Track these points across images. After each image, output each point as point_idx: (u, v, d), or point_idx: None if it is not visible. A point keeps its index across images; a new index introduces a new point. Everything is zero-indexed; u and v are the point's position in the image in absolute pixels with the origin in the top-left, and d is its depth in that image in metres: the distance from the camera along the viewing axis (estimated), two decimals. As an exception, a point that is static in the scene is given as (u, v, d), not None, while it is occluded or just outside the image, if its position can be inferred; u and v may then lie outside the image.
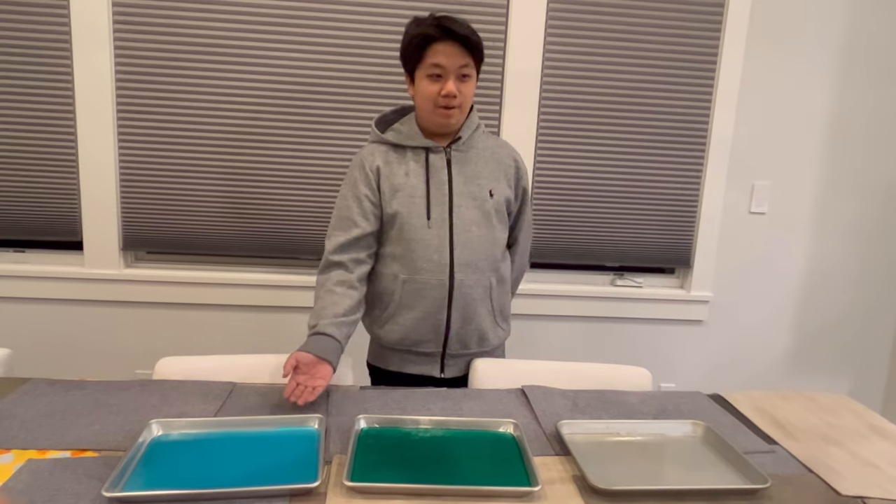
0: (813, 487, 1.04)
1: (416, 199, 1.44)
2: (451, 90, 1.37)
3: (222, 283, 2.32)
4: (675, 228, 2.46)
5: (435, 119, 1.43)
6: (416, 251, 1.43)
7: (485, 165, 1.50)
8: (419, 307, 1.46)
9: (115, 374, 2.37)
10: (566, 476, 1.04)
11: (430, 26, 1.36)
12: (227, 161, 2.25)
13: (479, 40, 1.39)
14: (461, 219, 1.45)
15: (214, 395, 1.27)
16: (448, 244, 1.44)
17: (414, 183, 1.44)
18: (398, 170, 1.46)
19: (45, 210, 2.24)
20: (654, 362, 2.56)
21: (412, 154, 1.47)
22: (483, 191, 1.48)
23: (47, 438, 1.07)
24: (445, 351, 1.51)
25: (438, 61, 1.36)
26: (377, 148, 1.49)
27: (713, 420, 1.28)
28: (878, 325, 2.64)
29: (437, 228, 1.44)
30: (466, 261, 1.45)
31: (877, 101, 2.45)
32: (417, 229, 1.43)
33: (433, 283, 1.44)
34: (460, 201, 1.46)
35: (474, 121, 1.51)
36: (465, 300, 1.46)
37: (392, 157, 1.47)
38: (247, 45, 2.18)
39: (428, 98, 1.40)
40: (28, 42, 2.12)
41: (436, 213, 1.44)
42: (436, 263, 1.43)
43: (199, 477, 0.97)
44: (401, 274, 1.45)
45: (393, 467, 1.02)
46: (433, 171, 1.46)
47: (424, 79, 1.39)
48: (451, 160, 1.47)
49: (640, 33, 2.29)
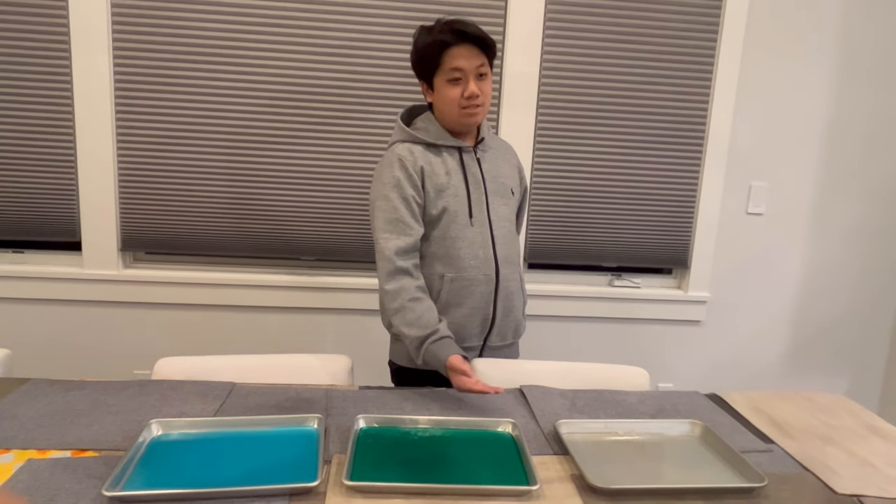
0: (809, 486, 1.05)
1: (458, 198, 1.48)
2: (473, 91, 1.41)
3: (221, 284, 2.32)
4: (673, 229, 2.47)
5: (461, 121, 1.46)
6: (461, 249, 1.47)
7: (503, 164, 1.58)
8: (467, 304, 1.49)
9: (113, 374, 2.37)
10: (564, 475, 1.04)
11: (443, 32, 1.39)
12: (226, 162, 2.25)
13: (492, 39, 1.43)
14: (497, 215, 1.52)
15: (214, 395, 1.27)
16: (490, 241, 1.50)
17: (455, 182, 1.48)
18: (439, 169, 1.48)
19: (44, 211, 2.24)
20: (652, 362, 2.57)
21: (447, 153, 1.50)
22: (507, 189, 1.56)
23: (47, 438, 1.07)
24: (486, 344, 1.56)
25: (458, 65, 1.40)
26: (414, 147, 1.48)
27: (711, 419, 1.29)
28: (876, 325, 2.65)
29: (480, 226, 1.49)
30: (505, 255, 1.53)
31: (874, 103, 2.46)
32: (462, 227, 1.47)
33: (481, 279, 1.49)
34: (493, 199, 1.53)
35: (486, 122, 1.57)
36: (507, 293, 1.53)
37: (431, 156, 1.49)
38: (246, 46, 2.18)
39: (452, 102, 1.44)
40: (27, 43, 2.12)
41: (476, 211, 1.49)
42: (482, 260, 1.49)
43: (199, 476, 0.97)
44: (447, 273, 1.48)
45: (392, 467, 1.02)
46: (469, 171, 1.50)
47: (445, 84, 1.43)
48: (480, 159, 1.53)
49: (637, 35, 2.30)
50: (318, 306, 2.36)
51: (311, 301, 2.36)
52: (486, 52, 1.43)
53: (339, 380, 1.48)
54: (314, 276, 2.36)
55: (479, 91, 1.42)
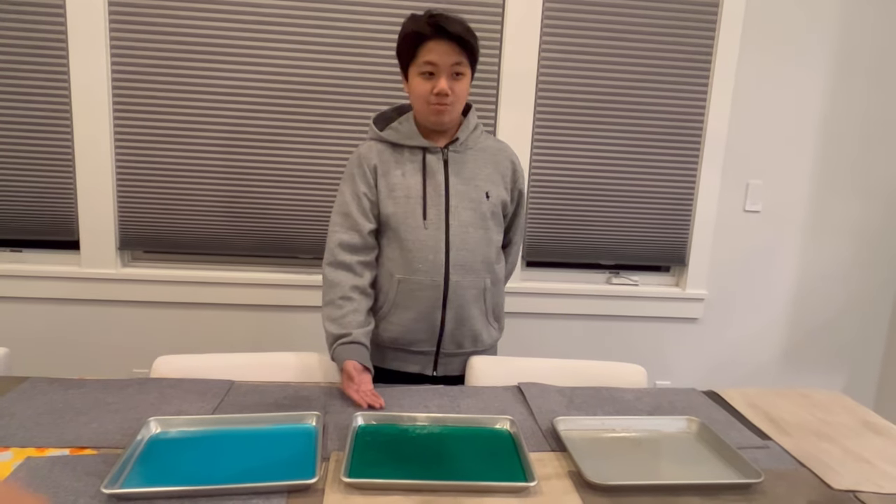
0: (806, 482, 1.05)
1: (411, 199, 1.44)
2: (442, 88, 1.37)
3: (220, 283, 2.32)
4: (671, 226, 2.47)
5: (428, 117, 1.43)
6: (411, 252, 1.43)
7: (482, 167, 1.50)
8: (414, 307, 1.46)
9: (112, 372, 2.37)
10: (562, 472, 1.05)
11: (423, 24, 1.35)
12: (224, 160, 2.26)
13: (473, 39, 1.38)
14: (457, 220, 1.45)
15: (212, 393, 1.28)
16: (444, 245, 1.44)
17: (410, 183, 1.45)
18: (395, 170, 1.46)
19: (42, 209, 2.24)
20: (650, 360, 2.58)
21: (409, 154, 1.47)
22: (480, 192, 1.48)
23: (46, 436, 1.07)
24: (440, 350, 1.51)
25: (431, 59, 1.36)
26: (375, 145, 1.49)
27: (707, 416, 1.29)
28: (872, 322, 2.66)
29: (434, 229, 1.44)
30: (462, 262, 1.45)
31: (870, 100, 2.47)
32: (413, 230, 1.43)
33: (427, 284, 1.44)
34: (456, 202, 1.46)
35: (472, 121, 1.52)
36: (460, 301, 1.46)
37: (389, 156, 1.47)
38: (244, 45, 2.18)
39: (420, 96, 1.40)
40: (24, 42, 2.12)
41: (432, 214, 1.44)
42: (431, 264, 1.43)
43: (197, 474, 0.97)
44: (396, 273, 1.45)
45: (390, 464, 1.03)
46: (430, 172, 1.46)
47: (417, 76, 1.40)
48: (449, 161, 1.47)
49: (635, 32, 2.30)
50: (317, 304, 2.36)
51: (309, 299, 2.36)
52: (466, 52, 1.37)
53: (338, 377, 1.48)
54: (312, 275, 2.37)
55: (448, 90, 1.37)
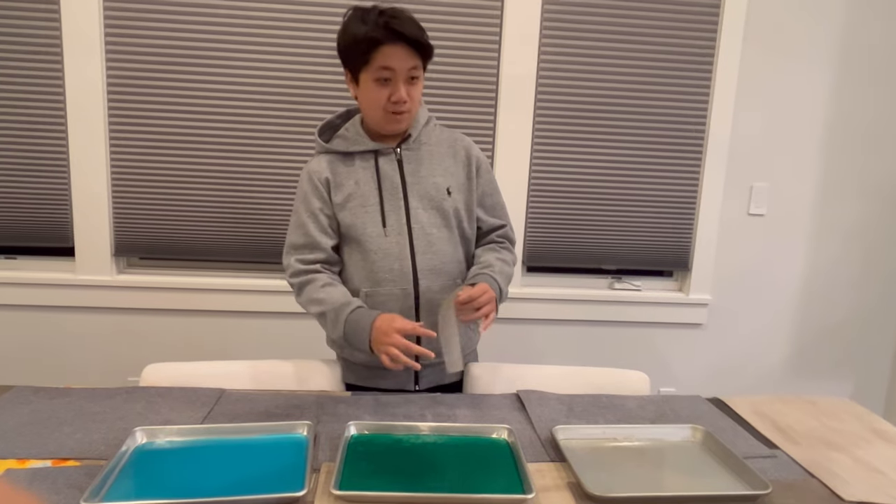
0: (815, 493, 1.01)
1: (368, 207, 1.37)
2: (401, 97, 1.29)
3: (216, 289, 2.29)
4: (674, 231, 2.44)
5: (383, 125, 1.35)
6: (375, 262, 1.36)
7: (439, 162, 1.42)
8: None
9: (107, 381, 2.34)
10: (561, 483, 1.01)
11: (377, 28, 1.25)
12: (220, 166, 2.23)
13: (428, 41, 1.30)
14: (419, 222, 1.38)
15: (202, 402, 1.24)
16: (409, 251, 1.37)
17: (365, 191, 1.37)
18: (347, 180, 1.38)
19: (37, 216, 2.22)
20: (653, 366, 2.53)
21: (360, 160, 1.39)
22: (440, 190, 1.40)
23: (28, 447, 1.04)
24: (418, 361, 1.40)
25: (389, 64, 1.27)
26: (323, 158, 1.41)
27: (713, 424, 1.26)
28: (880, 326, 2.62)
29: (396, 235, 1.37)
30: (430, 266, 1.39)
31: (875, 102, 2.43)
32: (374, 239, 1.37)
33: (397, 294, 1.37)
34: (416, 204, 1.38)
35: (423, 115, 1.43)
36: (433, 308, 1.37)
37: (339, 167, 1.39)
38: (239, 51, 2.16)
39: (376, 103, 1.31)
40: (18, 46, 2.10)
41: (392, 220, 1.37)
42: (398, 273, 1.36)
43: (183, 486, 0.94)
44: (362, 287, 1.38)
45: (383, 475, 0.99)
46: (384, 176, 1.38)
47: (371, 82, 1.30)
48: (403, 160, 1.40)
49: (635, 35, 2.28)
50: (314, 311, 2.33)
51: (306, 306, 2.32)
52: (421, 55, 1.30)
53: (331, 386, 1.45)
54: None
55: (407, 97, 1.30)
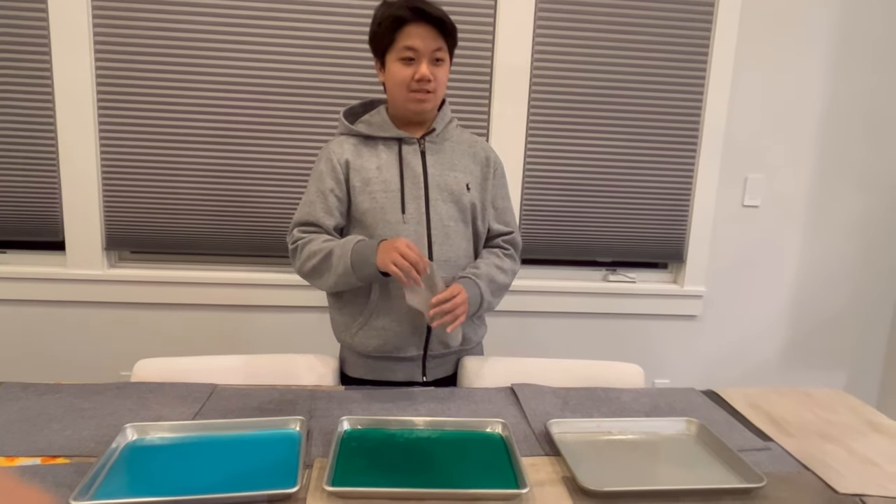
0: (810, 486, 1.01)
1: (389, 193, 1.37)
2: (425, 73, 1.31)
3: (209, 283, 2.27)
4: (668, 223, 2.43)
5: (408, 105, 1.36)
6: None
7: (460, 158, 1.44)
8: (396, 310, 1.37)
9: (99, 376, 2.32)
10: (556, 477, 1.00)
11: (402, 8, 1.29)
12: (211, 159, 2.21)
13: (453, 23, 1.33)
14: (438, 213, 1.39)
15: (193, 398, 1.23)
16: (427, 240, 1.38)
17: (387, 177, 1.38)
18: (369, 163, 1.39)
19: (26, 210, 2.19)
20: (647, 358, 2.53)
21: (384, 146, 1.40)
22: (460, 184, 1.41)
23: (17, 444, 1.03)
24: (427, 353, 1.44)
25: (412, 44, 1.30)
26: (346, 140, 1.42)
27: (707, 417, 1.25)
28: (874, 318, 2.62)
29: (414, 224, 1.37)
30: (446, 257, 1.39)
31: (871, 93, 2.42)
32: (392, 225, 1.36)
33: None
34: (436, 195, 1.39)
35: (447, 114, 1.46)
36: None
37: (363, 149, 1.40)
38: (229, 44, 2.13)
39: (401, 83, 1.33)
40: (5, 40, 2.07)
41: (411, 208, 1.37)
42: None
43: (174, 483, 0.93)
44: None
45: (376, 471, 0.98)
46: (407, 164, 1.39)
47: (396, 62, 1.33)
48: (426, 152, 1.41)
49: (630, 25, 2.26)
50: (305, 305, 2.32)
51: (297, 299, 2.31)
52: (446, 37, 1.32)
53: (325, 380, 1.44)
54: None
55: (431, 76, 1.31)
